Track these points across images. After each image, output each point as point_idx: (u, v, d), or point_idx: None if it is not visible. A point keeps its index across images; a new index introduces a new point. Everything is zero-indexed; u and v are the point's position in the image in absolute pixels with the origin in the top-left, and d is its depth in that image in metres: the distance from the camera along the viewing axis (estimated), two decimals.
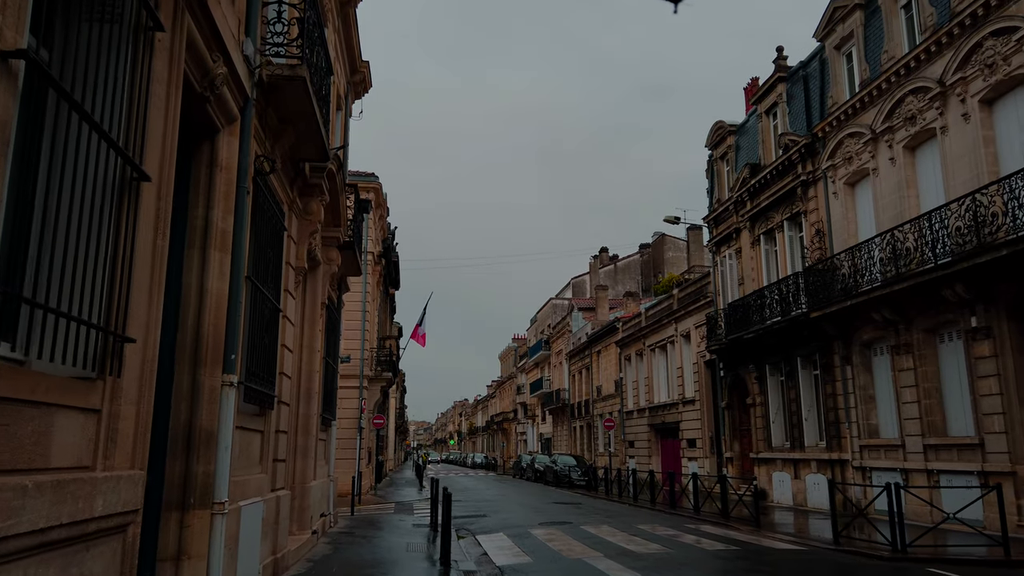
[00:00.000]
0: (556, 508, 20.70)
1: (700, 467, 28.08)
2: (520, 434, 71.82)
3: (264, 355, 8.20)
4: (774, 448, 22.21)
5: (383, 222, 32.66)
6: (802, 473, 20.48)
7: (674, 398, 31.14)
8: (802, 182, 20.51)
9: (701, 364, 28.35)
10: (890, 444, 16.88)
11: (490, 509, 20.52)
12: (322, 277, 12.47)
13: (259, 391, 7.88)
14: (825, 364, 19.48)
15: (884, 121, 17.09)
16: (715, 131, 26.69)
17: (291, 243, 9.67)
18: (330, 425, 14.87)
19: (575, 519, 17.01)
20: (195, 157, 6.48)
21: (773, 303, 21.19)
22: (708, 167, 27.77)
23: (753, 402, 23.55)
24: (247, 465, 7.85)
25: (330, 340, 14.26)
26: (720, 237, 26.27)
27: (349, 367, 27.05)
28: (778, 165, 21.62)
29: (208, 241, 6.36)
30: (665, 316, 32.01)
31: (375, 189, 28.42)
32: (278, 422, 9.16)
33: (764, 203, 22.70)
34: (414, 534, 14.21)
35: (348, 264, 14.52)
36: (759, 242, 23.41)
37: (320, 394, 13.24)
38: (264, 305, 8.08)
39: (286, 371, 9.50)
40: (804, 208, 20.64)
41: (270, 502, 8.58)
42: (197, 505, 5.99)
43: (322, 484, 13.56)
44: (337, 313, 15.27)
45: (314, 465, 12.79)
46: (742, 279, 24.64)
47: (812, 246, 19.93)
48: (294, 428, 11.50)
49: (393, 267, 40.99)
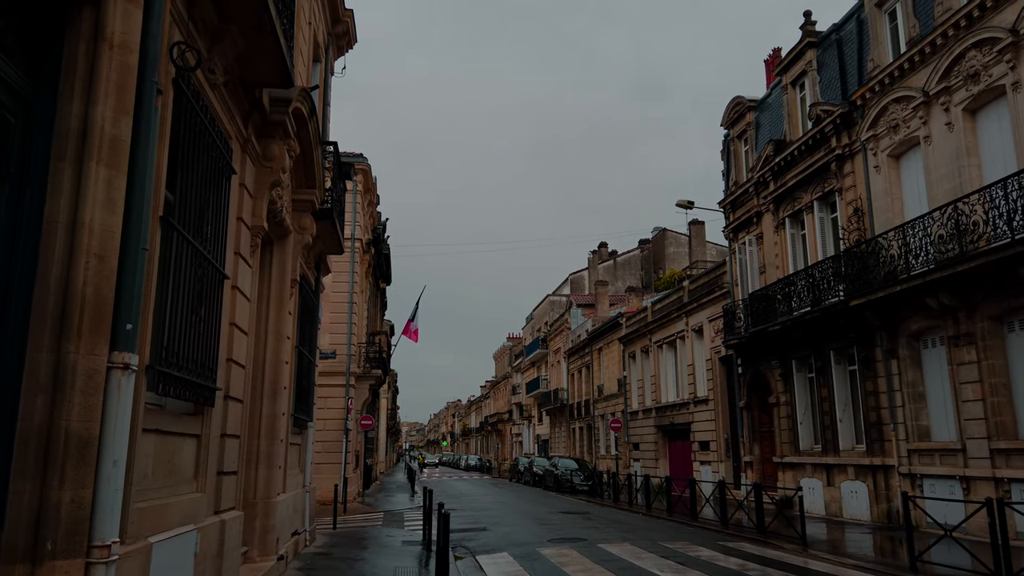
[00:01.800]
0: (563, 519, 18.58)
1: (715, 472, 26.01)
2: (516, 435, 69.69)
3: (200, 334, 6.08)
4: (802, 452, 20.15)
5: (372, 209, 30.50)
6: (836, 480, 18.42)
7: (684, 397, 29.06)
8: (836, 156, 18.46)
9: (715, 360, 26.28)
10: (946, 448, 14.83)
11: (490, 520, 18.39)
12: (293, 248, 10.33)
13: (190, 382, 5.76)
14: (865, 358, 17.42)
15: (940, 81, 15.04)
16: (732, 108, 24.63)
17: (244, 194, 7.53)
18: (306, 427, 12.72)
19: (588, 534, 14.90)
20: (71, 26, 4.35)
21: (802, 292, 19.13)
22: (724, 148, 25.72)
23: (777, 401, 21.49)
24: (171, 483, 5.72)
25: (305, 327, 12.12)
26: (738, 222, 24.21)
27: (334, 364, 24.92)
28: (807, 140, 19.56)
29: (87, 151, 4.22)
30: (674, 309, 29.92)
31: (363, 171, 26.25)
32: (224, 423, 7.03)
33: (790, 182, 20.63)
34: (403, 554, 12.08)
35: (327, 238, 12.37)
36: (784, 226, 21.35)
37: (292, 390, 11.10)
38: (199, 266, 5.95)
39: (237, 358, 7.36)
40: (839, 185, 18.58)
41: (209, 529, 6.44)
42: (59, 553, 3.86)
43: (294, 497, 11.42)
44: (315, 297, 13.13)
45: (283, 475, 10.65)
46: (763, 267, 22.58)
47: (849, 227, 17.87)
48: (253, 431, 9.36)
49: (384, 260, 38.87)
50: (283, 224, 9.80)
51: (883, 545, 13.29)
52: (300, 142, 9.47)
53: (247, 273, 7.76)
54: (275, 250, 10.07)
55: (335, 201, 12.17)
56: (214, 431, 6.66)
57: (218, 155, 6.43)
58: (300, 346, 11.60)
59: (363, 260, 27.52)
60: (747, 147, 24.25)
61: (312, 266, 12.86)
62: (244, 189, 7.51)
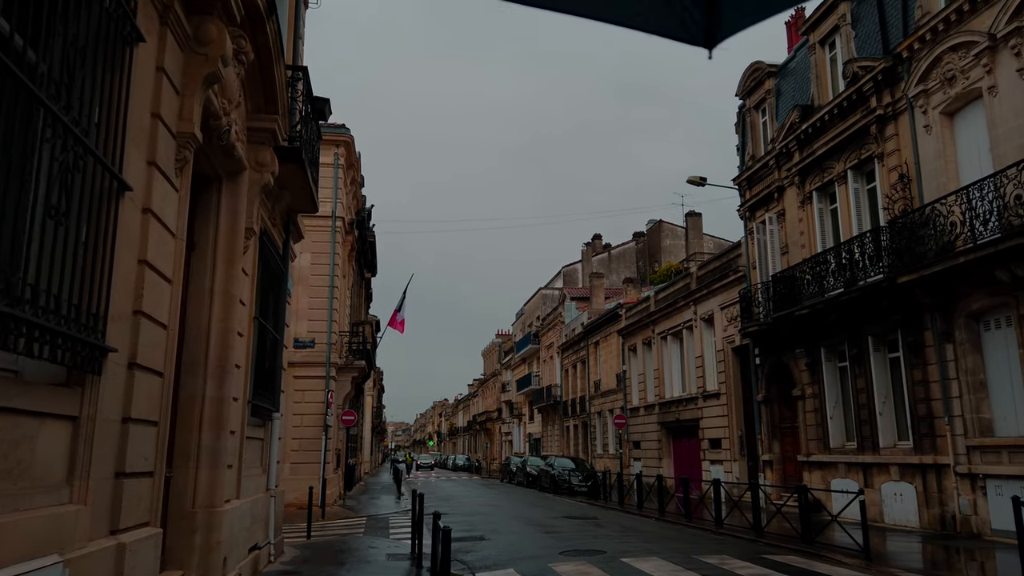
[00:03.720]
0: (569, 526, 16.46)
1: (727, 472, 23.99)
2: (505, 434, 67.52)
3: (78, 263, 3.93)
4: (832, 450, 18.14)
5: (356, 189, 28.26)
6: (876, 480, 16.41)
7: (692, 392, 27.02)
8: (877, 118, 16.44)
9: (728, 351, 24.25)
10: (1015, 445, 12.85)
11: (487, 527, 16.25)
12: (248, 189, 8.15)
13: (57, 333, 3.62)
14: (912, 343, 15.41)
15: (1011, 20, 13.05)
16: (750, 75, 22.59)
17: (164, 83, 5.34)
18: (271, 419, 10.53)
19: (605, 545, 12.79)
20: None
21: (835, 271, 17.13)
22: (738, 120, 23.69)
23: (801, 394, 19.48)
24: (14, 490, 3.56)
25: (268, 296, 9.94)
26: (755, 200, 22.19)
27: (314, 353, 22.71)
28: (841, 102, 17.54)
29: None
30: (681, 298, 27.86)
31: (346, 143, 24.01)
32: (127, 403, 4.85)
33: (819, 151, 18.61)
34: (389, 572, 9.93)
35: (295, 189, 10.17)
36: (810, 200, 19.34)
37: (250, 371, 8.93)
38: (67, 150, 3.79)
39: (152, 312, 5.19)
40: (879, 150, 16.56)
41: (91, 560, 4.27)
42: None
43: (253, 504, 9.23)
44: (282, 263, 10.94)
45: (236, 477, 8.49)
46: (786, 247, 20.57)
47: (893, 195, 15.86)
48: (189, 420, 7.19)
49: (370, 248, 36.65)
50: (234, 155, 7.62)
51: (962, 560, 11.28)
52: (255, 47, 7.31)
53: (170, 197, 5.58)
54: (225, 189, 7.89)
55: (306, 143, 9.98)
56: (105, 412, 4.50)
57: (109, 2, 4.26)
58: (261, 318, 9.41)
59: (345, 242, 25.28)
60: (765, 117, 22.24)
61: (279, 223, 10.67)
62: (164, 76, 5.33)
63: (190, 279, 7.53)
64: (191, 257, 7.57)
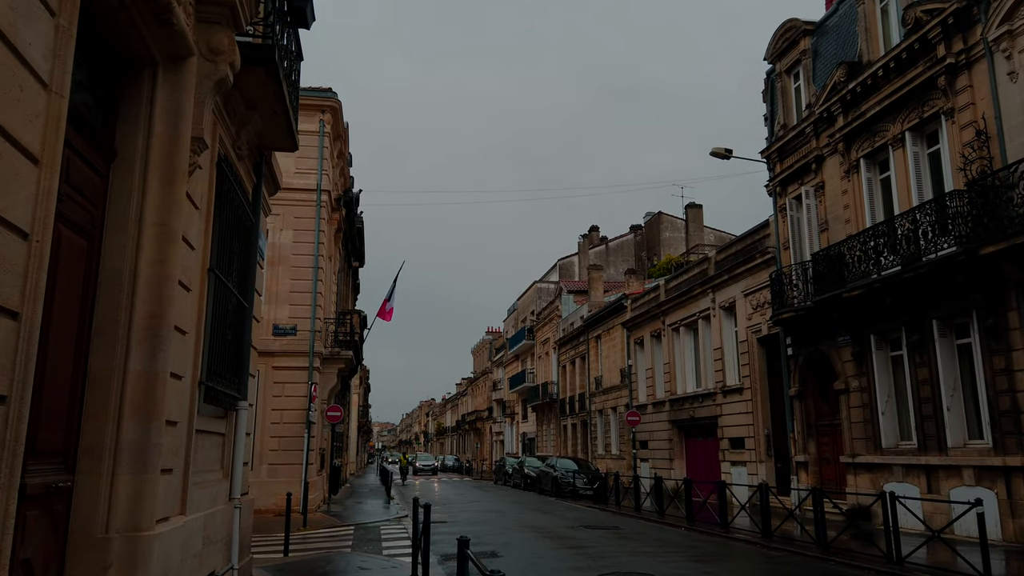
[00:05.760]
0: (593, 538, 14.22)
1: (751, 474, 21.83)
2: (496, 434, 65.25)
3: None
4: (884, 450, 16.00)
5: (343, 164, 25.88)
6: (942, 485, 14.27)
7: (709, 387, 24.85)
8: (947, 68, 14.31)
9: (753, 342, 22.09)
10: None
11: (496, 538, 13.97)
12: (197, 85, 5.82)
13: None
14: (992, 327, 13.28)
15: None
16: (781, 34, 20.43)
17: None
18: (235, 408, 8.19)
19: (648, 566, 10.54)
20: None
21: (893, 245, 15.00)
22: (767, 87, 21.54)
23: (845, 387, 17.33)
24: None
25: (231, 245, 7.60)
26: (787, 173, 20.04)
27: (295, 342, 20.35)
28: (899, 54, 15.41)
29: None
30: (697, 285, 25.66)
31: (332, 109, 21.62)
32: None
33: (870, 112, 16.48)
34: None
35: (266, 107, 7.80)
36: (857, 169, 17.20)
37: (204, 342, 6.62)
38: None
39: None
40: (948, 105, 14.43)
41: None
42: None
43: (207, 520, 6.91)
44: (252, 212, 8.60)
45: (180, 485, 6.16)
46: (825, 223, 18.43)
47: (969, 155, 13.74)
48: (96, 404, 4.88)
49: (358, 235, 34.29)
50: (173, 26, 5.28)
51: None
52: None
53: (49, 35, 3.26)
54: (163, 80, 5.56)
55: (283, 52, 7.65)
56: None
57: None
58: (220, 272, 7.08)
59: (332, 220, 22.91)
60: (799, 82, 20.09)
61: (247, 158, 8.32)
62: None
63: (108, 201, 5.23)
64: (109, 168, 5.27)
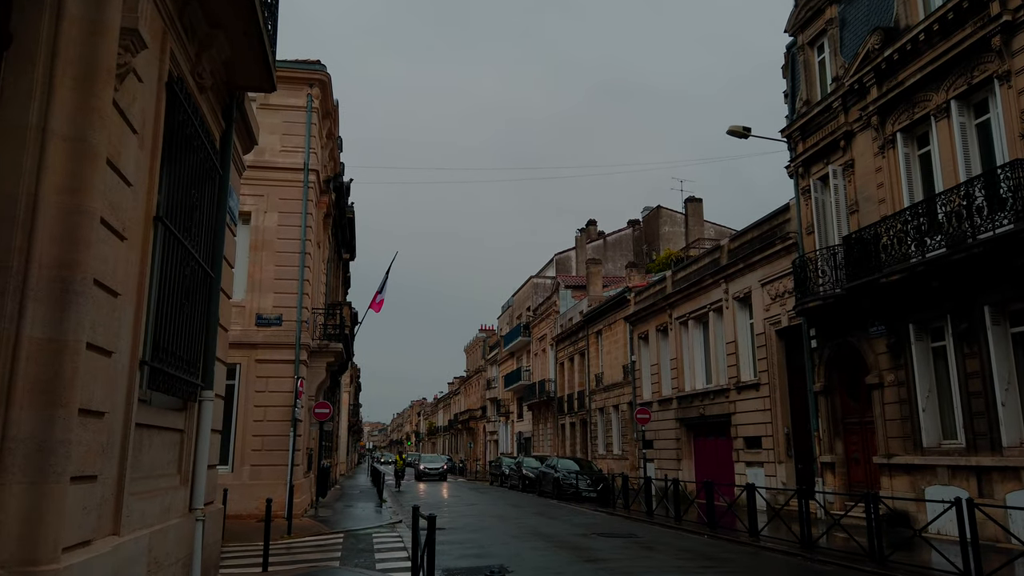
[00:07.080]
0: (611, 548, 12.76)
1: (769, 475, 20.43)
2: (490, 434, 63.72)
3: None
4: (926, 449, 14.62)
5: (333, 145, 24.32)
6: (996, 489, 12.89)
7: (722, 383, 23.43)
8: (1002, 27, 12.93)
9: (771, 334, 20.69)
10: None
11: (503, 549, 12.49)
12: None
13: None
14: None
15: None
16: (805, 2, 19.03)
17: None
18: (195, 399, 6.68)
19: None
20: None
21: (936, 225, 13.61)
22: (788, 61, 20.14)
23: (879, 382, 15.95)
24: None
25: (189, 194, 6.10)
26: (811, 152, 18.64)
27: (280, 333, 18.82)
28: (944, 14, 14.02)
29: None
30: (708, 275, 24.24)
31: (321, 83, 20.07)
32: None
33: (909, 81, 15.09)
34: None
35: (234, 27, 6.25)
36: (893, 144, 15.81)
37: (147, 310, 5.13)
38: None
39: None
40: (1006, 67, 13.04)
41: None
42: None
43: (155, 540, 5.40)
44: (218, 160, 7.10)
45: (113, 495, 4.66)
46: (855, 204, 17.03)
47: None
48: None
49: (349, 225, 32.74)
50: None
51: None
52: None
53: None
54: None
55: None
56: None
57: None
58: (174, 225, 5.58)
59: (320, 203, 21.38)
60: (824, 54, 18.70)
61: (210, 91, 6.80)
62: None
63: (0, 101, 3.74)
64: (1, 57, 3.78)
